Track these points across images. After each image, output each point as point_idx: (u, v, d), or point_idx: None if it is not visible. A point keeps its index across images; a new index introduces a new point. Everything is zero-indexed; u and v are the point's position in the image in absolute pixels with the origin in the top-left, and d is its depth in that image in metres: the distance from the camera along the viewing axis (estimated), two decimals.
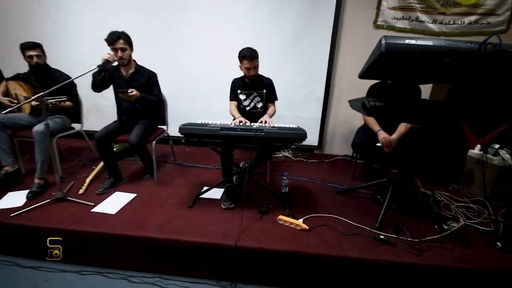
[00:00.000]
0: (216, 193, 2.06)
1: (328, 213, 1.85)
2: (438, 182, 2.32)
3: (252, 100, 2.23)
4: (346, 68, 2.85)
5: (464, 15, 2.63)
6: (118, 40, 1.96)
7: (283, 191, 2.02)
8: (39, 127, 2.00)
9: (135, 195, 2.04)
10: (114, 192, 2.07)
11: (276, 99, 2.30)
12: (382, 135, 1.98)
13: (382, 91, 2.06)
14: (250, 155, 1.75)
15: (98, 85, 2.01)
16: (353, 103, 1.62)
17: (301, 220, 1.72)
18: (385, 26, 2.71)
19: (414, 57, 1.19)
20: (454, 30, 2.68)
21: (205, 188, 2.10)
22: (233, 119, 2.16)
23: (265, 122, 1.94)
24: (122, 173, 2.25)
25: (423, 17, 2.66)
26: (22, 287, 1.51)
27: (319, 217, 1.81)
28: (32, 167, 2.17)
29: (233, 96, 2.24)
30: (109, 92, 2.20)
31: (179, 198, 2.02)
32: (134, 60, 2.16)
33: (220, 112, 2.55)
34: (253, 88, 2.21)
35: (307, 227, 1.67)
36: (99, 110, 3.12)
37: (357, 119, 2.70)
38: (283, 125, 1.81)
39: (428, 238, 1.60)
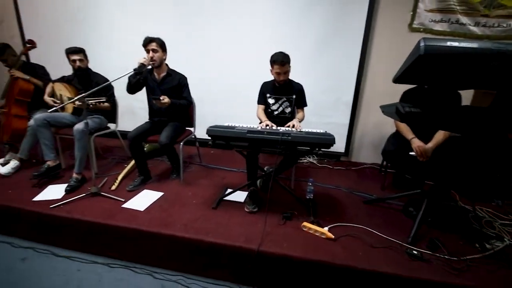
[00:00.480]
0: (240, 196, 2.07)
1: (355, 223, 1.77)
2: (480, 197, 2.13)
3: (280, 105, 2.22)
4: (377, 73, 2.74)
5: (510, 18, 2.43)
6: (151, 42, 2.08)
7: (308, 197, 1.97)
8: (79, 126, 2.15)
9: (162, 193, 2.10)
10: (143, 189, 2.15)
11: (306, 105, 2.27)
12: (416, 143, 1.87)
13: (417, 97, 1.95)
14: (276, 159, 1.73)
15: (133, 87, 2.12)
16: (386, 109, 1.55)
17: (326, 229, 1.66)
18: (421, 29, 2.58)
19: (456, 60, 1.11)
20: (499, 33, 2.48)
21: (229, 190, 2.11)
22: (260, 123, 2.16)
23: (293, 126, 1.92)
24: (151, 172, 2.34)
25: (464, 19, 2.50)
26: (56, 275, 1.61)
27: (345, 226, 1.74)
28: (71, 163, 2.33)
29: (261, 100, 2.25)
30: (142, 94, 2.31)
31: (203, 199, 2.05)
32: (167, 64, 2.25)
33: (247, 116, 2.57)
34: (283, 93, 2.20)
35: (333, 236, 1.61)
36: (132, 111, 3.28)
37: (388, 126, 2.59)
38: (310, 130, 1.78)
39: (468, 257, 1.47)
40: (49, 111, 1.97)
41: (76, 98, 1.86)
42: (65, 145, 2.60)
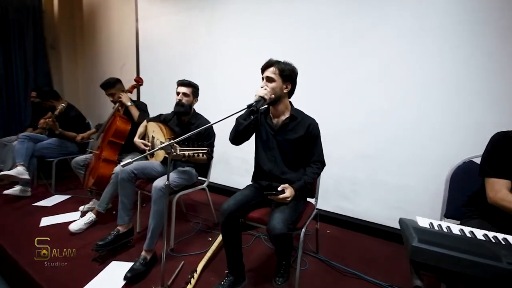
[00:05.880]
0: None
1: None
2: None
3: None
4: None
5: None
6: (270, 67, 1.35)
7: None
8: (159, 182, 1.54)
9: None
10: None
11: None
12: None
13: None
14: None
15: (241, 134, 1.38)
16: None
17: None
18: None
19: None
20: None
21: None
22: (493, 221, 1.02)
23: None
24: (244, 265, 1.45)
25: None
26: None
27: None
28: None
29: (503, 168, 1.05)
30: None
31: None
32: (291, 103, 1.47)
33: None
34: None
35: None
36: (226, 161, 2.66)
37: None
38: None
39: None
40: (135, 158, 1.39)
41: (164, 144, 1.23)
42: (146, 196, 2.06)
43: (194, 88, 1.88)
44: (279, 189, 1.28)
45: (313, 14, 2.16)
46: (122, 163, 1.19)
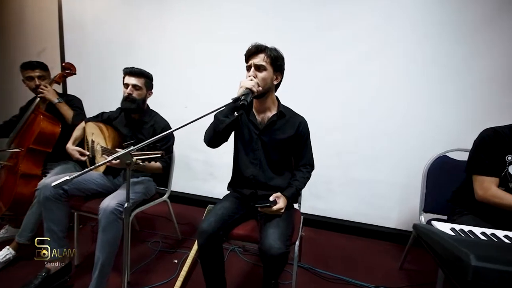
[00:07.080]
0: None
1: None
2: None
3: None
4: None
5: None
6: (259, 53, 1.13)
7: None
8: (110, 203, 1.17)
9: None
10: None
11: None
12: None
13: None
14: None
15: (220, 135, 1.12)
16: None
17: None
18: None
19: None
20: None
21: None
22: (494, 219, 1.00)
23: None
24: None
25: None
26: None
27: None
28: (92, 249, 1.28)
29: (492, 166, 1.05)
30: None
31: None
32: (277, 98, 1.27)
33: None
34: None
35: None
36: (186, 165, 2.32)
37: None
38: None
39: None
40: (76, 175, 0.91)
41: (121, 152, 0.89)
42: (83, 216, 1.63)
43: (148, 79, 1.51)
44: (271, 199, 1.08)
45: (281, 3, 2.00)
46: (54, 183, 0.82)
